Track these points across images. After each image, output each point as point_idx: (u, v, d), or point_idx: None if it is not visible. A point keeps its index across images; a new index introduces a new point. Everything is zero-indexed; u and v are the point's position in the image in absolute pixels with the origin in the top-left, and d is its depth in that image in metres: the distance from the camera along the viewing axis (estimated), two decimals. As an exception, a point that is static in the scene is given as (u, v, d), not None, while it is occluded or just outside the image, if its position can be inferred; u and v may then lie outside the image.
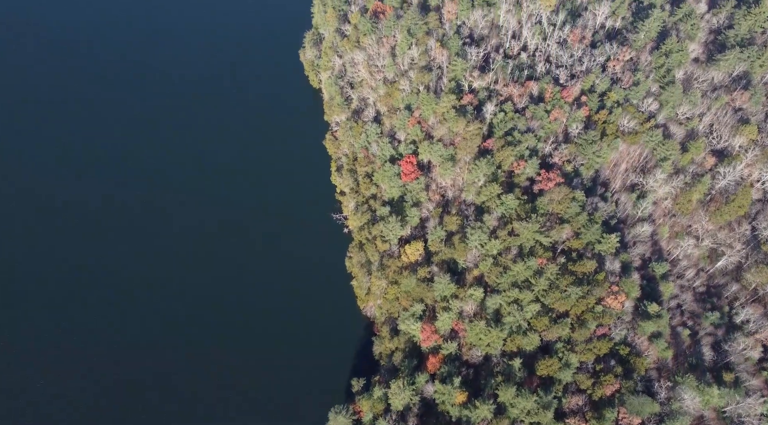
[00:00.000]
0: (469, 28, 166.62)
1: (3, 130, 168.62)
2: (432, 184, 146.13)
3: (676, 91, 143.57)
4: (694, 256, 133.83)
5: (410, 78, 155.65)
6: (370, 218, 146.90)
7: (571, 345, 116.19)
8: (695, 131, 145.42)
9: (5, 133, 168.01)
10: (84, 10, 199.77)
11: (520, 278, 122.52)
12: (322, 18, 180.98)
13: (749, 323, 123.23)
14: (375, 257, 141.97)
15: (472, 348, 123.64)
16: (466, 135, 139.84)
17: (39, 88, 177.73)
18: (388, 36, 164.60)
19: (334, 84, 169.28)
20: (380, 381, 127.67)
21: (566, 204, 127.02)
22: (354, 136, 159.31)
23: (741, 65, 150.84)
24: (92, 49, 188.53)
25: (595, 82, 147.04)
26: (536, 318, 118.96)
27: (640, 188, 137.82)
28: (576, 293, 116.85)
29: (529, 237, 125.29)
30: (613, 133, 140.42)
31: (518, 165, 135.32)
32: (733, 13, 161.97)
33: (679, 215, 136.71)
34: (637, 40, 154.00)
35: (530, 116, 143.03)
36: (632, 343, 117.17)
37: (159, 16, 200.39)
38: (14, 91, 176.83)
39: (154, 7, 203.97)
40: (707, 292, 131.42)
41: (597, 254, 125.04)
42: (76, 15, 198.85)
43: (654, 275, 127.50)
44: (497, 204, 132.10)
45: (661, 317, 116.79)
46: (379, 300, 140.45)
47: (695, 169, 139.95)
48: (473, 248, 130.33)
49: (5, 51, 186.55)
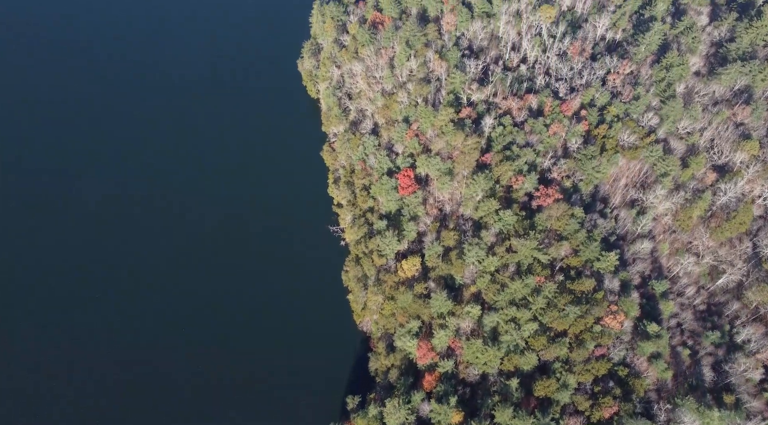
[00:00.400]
0: (469, 39, 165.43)
1: (2, 131, 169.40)
2: (429, 198, 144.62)
3: (677, 106, 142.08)
4: (695, 273, 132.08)
5: (408, 90, 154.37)
6: (367, 231, 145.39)
7: (569, 366, 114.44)
8: (696, 146, 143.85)
9: (4, 134, 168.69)
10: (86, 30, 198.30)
11: (518, 296, 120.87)
12: (321, 28, 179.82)
13: (750, 342, 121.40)
14: (371, 272, 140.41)
15: (468, 367, 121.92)
16: (464, 149, 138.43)
17: (35, 90, 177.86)
18: (387, 47, 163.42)
19: (332, 95, 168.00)
20: (376, 399, 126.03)
21: (565, 221, 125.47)
22: (351, 148, 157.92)
23: (742, 79, 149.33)
24: (94, 59, 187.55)
25: (595, 95, 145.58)
26: (534, 337, 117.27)
27: (640, 203, 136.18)
28: (574, 313, 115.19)
29: (527, 254, 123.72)
30: (612, 148, 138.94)
31: (517, 180, 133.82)
32: (735, 26, 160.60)
33: (679, 231, 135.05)
34: (638, 53, 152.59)
35: (529, 130, 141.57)
36: (631, 364, 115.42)
37: (158, 24, 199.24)
38: (12, 91, 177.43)
39: (153, 15, 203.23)
40: (708, 310, 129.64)
41: (596, 272, 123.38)
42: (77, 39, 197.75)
43: (654, 294, 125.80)
44: (495, 220, 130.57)
45: (660, 338, 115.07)
46: (375, 315, 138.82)
47: (696, 185, 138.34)
48: (470, 265, 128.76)
49: (6, 51, 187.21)
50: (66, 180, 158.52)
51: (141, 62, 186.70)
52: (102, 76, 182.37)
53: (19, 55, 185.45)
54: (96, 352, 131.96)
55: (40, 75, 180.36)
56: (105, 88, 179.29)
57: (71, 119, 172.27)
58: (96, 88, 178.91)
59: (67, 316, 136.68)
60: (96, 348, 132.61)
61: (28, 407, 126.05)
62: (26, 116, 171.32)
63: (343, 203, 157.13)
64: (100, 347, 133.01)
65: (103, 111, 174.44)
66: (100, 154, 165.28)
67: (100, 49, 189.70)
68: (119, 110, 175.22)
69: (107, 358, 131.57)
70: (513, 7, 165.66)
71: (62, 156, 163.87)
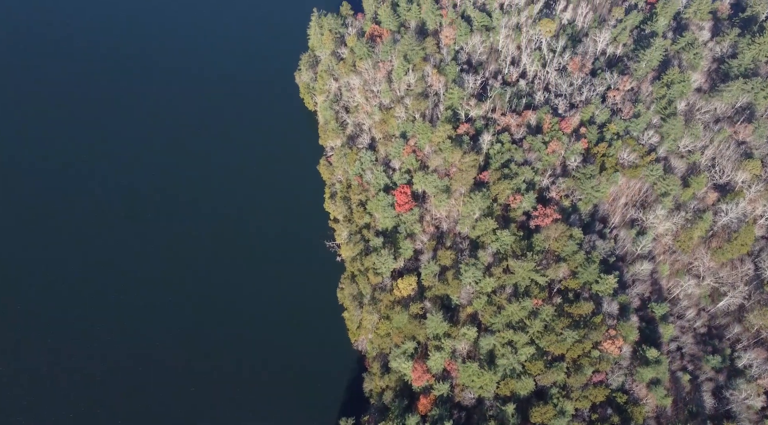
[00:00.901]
0: (467, 53, 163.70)
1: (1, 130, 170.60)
2: (426, 215, 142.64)
3: (678, 124, 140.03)
4: (695, 295, 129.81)
5: (406, 105, 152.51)
6: (363, 248, 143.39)
7: (567, 392, 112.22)
8: (697, 165, 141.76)
9: (4, 134, 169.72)
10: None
11: (515, 318, 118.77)
12: (319, 40, 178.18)
13: (752, 367, 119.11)
14: (367, 290, 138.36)
15: (464, 390, 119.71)
16: (461, 166, 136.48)
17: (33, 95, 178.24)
18: (385, 60, 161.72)
19: (330, 108, 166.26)
20: (370, 421, 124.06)
21: (563, 242, 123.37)
22: (348, 163, 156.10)
23: (744, 96, 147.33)
24: (90, 76, 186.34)
25: (595, 112, 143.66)
26: (531, 362, 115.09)
27: (640, 223, 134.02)
28: (572, 337, 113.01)
29: (524, 276, 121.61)
30: (612, 166, 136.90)
31: (514, 199, 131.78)
32: (737, 42, 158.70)
33: (679, 252, 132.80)
34: (638, 70, 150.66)
35: (528, 148, 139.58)
36: (630, 391, 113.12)
37: (156, 38, 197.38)
38: (12, 91, 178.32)
39: (151, 28, 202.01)
40: (708, 333, 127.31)
41: (594, 294, 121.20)
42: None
43: (653, 316, 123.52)
44: (492, 239, 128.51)
45: (660, 363, 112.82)
46: (370, 334, 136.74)
47: (697, 204, 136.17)
48: (467, 285, 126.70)
49: (7, 51, 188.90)
50: (65, 182, 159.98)
51: (138, 74, 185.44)
52: (98, 91, 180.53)
53: (19, 56, 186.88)
54: (88, 355, 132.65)
55: (36, 82, 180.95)
56: (101, 103, 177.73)
57: (71, 124, 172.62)
58: (92, 104, 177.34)
59: (66, 318, 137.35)
60: (87, 352, 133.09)
61: (29, 407, 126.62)
62: (19, 118, 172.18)
63: (340, 218, 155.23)
64: (92, 353, 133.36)
65: (99, 126, 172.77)
66: (91, 176, 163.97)
67: (98, 67, 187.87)
68: (119, 120, 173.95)
69: (98, 360, 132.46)
70: (513, 21, 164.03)
71: (61, 159, 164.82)
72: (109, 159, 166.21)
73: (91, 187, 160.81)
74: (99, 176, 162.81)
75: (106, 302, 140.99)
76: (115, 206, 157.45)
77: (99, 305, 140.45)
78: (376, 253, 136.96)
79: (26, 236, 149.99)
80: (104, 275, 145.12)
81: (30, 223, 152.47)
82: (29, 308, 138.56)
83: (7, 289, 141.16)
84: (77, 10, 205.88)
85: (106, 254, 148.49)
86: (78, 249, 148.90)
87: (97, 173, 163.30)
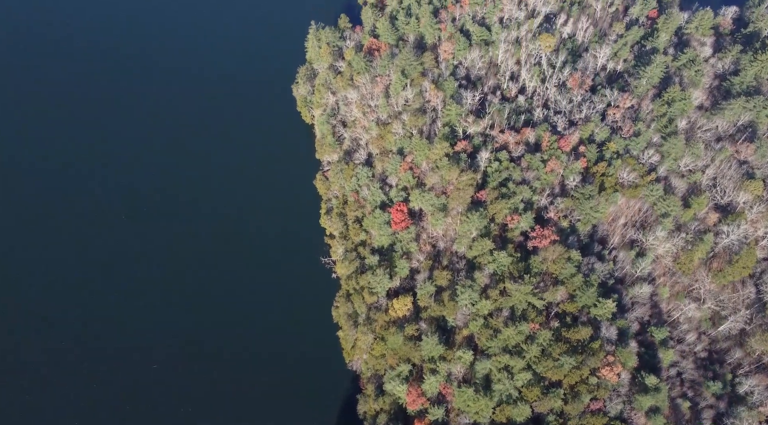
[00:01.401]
0: (466, 68, 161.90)
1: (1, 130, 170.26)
2: (423, 233, 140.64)
3: (678, 143, 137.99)
4: (696, 319, 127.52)
5: (403, 121, 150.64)
6: (359, 266, 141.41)
7: (564, 419, 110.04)
8: (698, 185, 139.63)
9: (4, 134, 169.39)
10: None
11: (511, 342, 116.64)
12: (316, 53, 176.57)
13: (753, 394, 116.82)
14: (362, 310, 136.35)
15: (459, 415, 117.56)
16: (458, 185, 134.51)
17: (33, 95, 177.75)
18: (383, 75, 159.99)
19: (327, 122, 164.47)
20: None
21: (561, 264, 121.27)
22: (345, 178, 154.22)
23: (746, 115, 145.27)
24: (90, 83, 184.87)
25: (595, 130, 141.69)
26: (527, 387, 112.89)
27: (640, 244, 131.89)
28: (569, 363, 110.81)
29: (521, 299, 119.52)
30: (611, 186, 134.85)
31: (512, 219, 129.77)
32: (739, 58, 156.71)
33: (680, 274, 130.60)
34: (639, 87, 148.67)
35: (526, 166, 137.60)
36: (628, 419, 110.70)
37: (152, 49, 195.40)
38: (12, 91, 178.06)
39: (150, 27, 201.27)
40: (709, 358, 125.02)
41: (593, 318, 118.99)
42: None
43: (653, 341, 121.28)
44: (489, 260, 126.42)
45: (659, 391, 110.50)
46: (365, 355, 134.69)
47: (697, 225, 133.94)
48: (463, 307, 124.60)
49: (9, 50, 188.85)
50: (65, 184, 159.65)
51: (138, 75, 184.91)
52: (98, 91, 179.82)
53: (19, 56, 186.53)
54: (88, 355, 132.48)
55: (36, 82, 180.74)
56: (101, 103, 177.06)
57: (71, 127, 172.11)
58: (92, 104, 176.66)
59: (65, 318, 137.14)
60: (87, 352, 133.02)
61: (29, 407, 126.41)
62: (20, 118, 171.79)
63: (335, 234, 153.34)
64: (92, 353, 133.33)
65: (99, 126, 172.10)
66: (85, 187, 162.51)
67: (98, 67, 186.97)
68: (119, 120, 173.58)
69: (98, 360, 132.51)
70: (512, 35, 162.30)
71: (60, 161, 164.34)
72: (109, 159, 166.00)
73: (91, 187, 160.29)
74: (99, 176, 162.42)
75: (106, 302, 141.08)
76: (115, 206, 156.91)
77: (99, 305, 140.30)
78: (371, 272, 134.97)
79: (26, 236, 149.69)
80: (104, 275, 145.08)
81: (30, 223, 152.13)
82: (29, 308, 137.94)
83: (7, 289, 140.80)
84: (77, 10, 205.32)
85: (106, 254, 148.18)
86: (78, 249, 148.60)
87: (97, 173, 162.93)
